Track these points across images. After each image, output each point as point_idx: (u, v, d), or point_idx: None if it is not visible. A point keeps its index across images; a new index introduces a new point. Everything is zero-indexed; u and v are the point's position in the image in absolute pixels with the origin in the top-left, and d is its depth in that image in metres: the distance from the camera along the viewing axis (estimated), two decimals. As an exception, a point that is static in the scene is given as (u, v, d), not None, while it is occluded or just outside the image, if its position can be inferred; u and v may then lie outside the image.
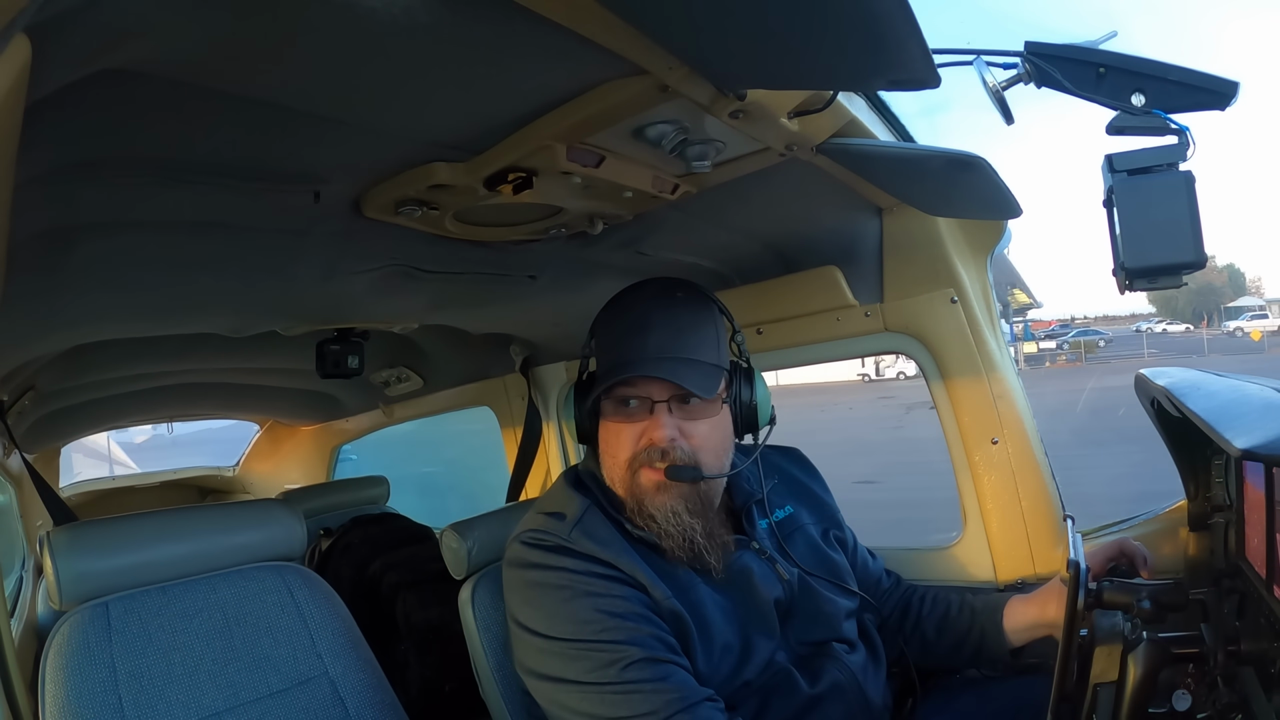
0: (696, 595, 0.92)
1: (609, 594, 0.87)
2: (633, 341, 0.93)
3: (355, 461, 3.33)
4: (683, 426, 0.91)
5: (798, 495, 1.11)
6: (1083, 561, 0.70)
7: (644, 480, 0.92)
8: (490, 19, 0.56)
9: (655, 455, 0.90)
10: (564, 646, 0.85)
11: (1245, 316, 27.38)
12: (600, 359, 0.97)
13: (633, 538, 0.93)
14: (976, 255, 1.23)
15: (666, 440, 0.90)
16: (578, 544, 0.90)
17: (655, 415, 0.91)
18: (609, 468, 0.96)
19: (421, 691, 1.81)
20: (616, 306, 0.99)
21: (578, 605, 0.86)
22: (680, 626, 0.88)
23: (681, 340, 0.93)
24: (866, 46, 0.56)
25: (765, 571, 0.97)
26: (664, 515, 0.90)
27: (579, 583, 0.87)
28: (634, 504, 0.92)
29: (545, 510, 0.97)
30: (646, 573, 0.89)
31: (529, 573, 0.91)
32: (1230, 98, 0.66)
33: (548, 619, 0.87)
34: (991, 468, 1.20)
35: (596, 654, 0.83)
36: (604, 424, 0.96)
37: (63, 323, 1.21)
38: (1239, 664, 0.67)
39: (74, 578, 0.98)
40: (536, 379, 1.99)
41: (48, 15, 0.40)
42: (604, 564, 0.88)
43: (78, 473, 4.43)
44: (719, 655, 0.90)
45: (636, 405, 0.92)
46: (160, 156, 0.71)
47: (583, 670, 0.84)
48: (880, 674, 1.02)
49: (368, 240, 1.05)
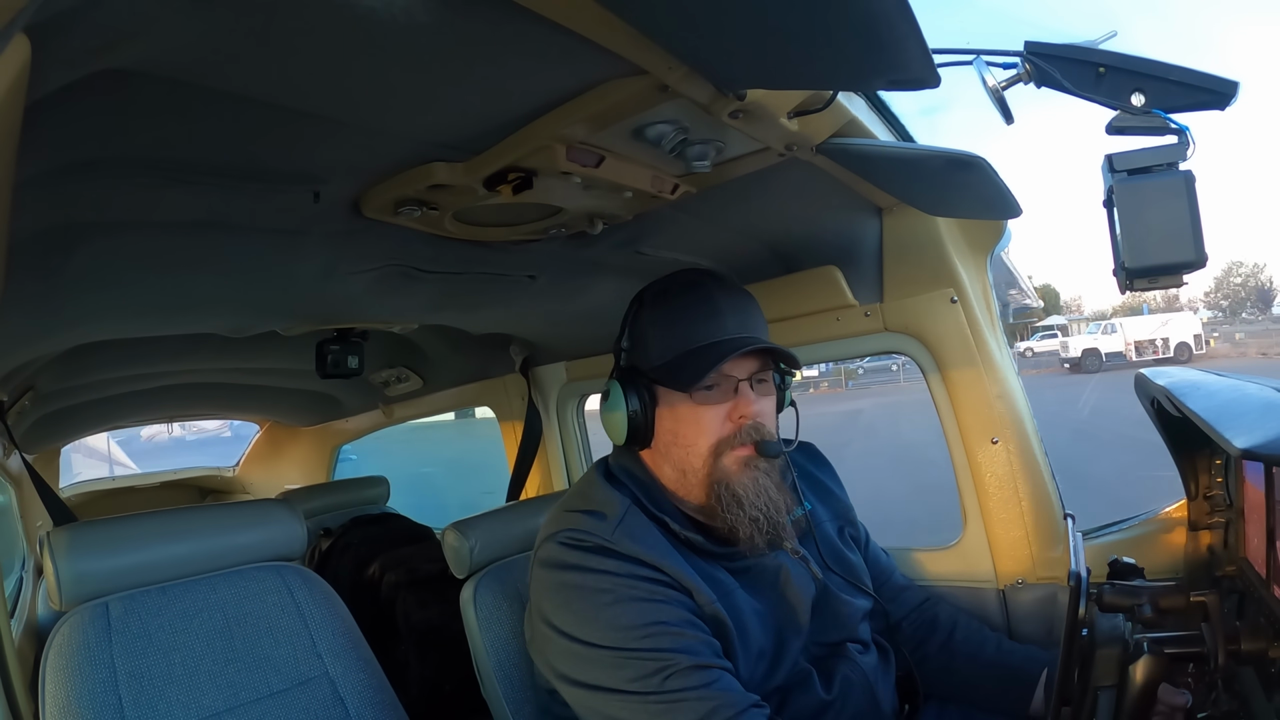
0: (736, 600, 0.90)
1: (653, 599, 0.84)
2: (709, 325, 0.90)
3: (355, 461, 3.33)
4: (760, 405, 0.92)
5: (814, 491, 1.10)
6: (1084, 571, 0.70)
7: (729, 462, 0.89)
8: (490, 18, 0.56)
9: (749, 433, 0.89)
10: (605, 654, 0.82)
11: (1036, 336, 27.57)
12: (660, 348, 0.93)
13: (678, 538, 0.91)
14: (976, 255, 1.23)
15: (756, 414, 0.90)
16: (621, 545, 0.87)
17: (741, 394, 0.90)
18: (681, 459, 0.92)
19: (421, 691, 1.81)
20: (667, 296, 0.95)
21: (621, 610, 0.83)
22: (722, 630, 0.86)
23: (753, 321, 0.94)
24: (866, 46, 0.56)
25: (800, 571, 0.96)
26: (753, 494, 0.88)
27: (622, 586, 0.84)
28: (717, 490, 0.89)
29: (582, 508, 0.93)
30: (690, 575, 0.87)
31: (567, 574, 0.87)
32: (1230, 97, 0.66)
33: (587, 624, 0.84)
34: (991, 467, 1.19)
35: (640, 661, 0.81)
36: (676, 413, 0.92)
37: (63, 323, 1.21)
38: (1239, 664, 0.67)
39: (74, 578, 0.98)
40: (536, 379, 1.99)
41: (48, 15, 0.40)
42: (649, 566, 0.86)
43: (77, 473, 4.43)
44: (755, 660, 0.89)
45: (717, 389, 0.90)
46: (160, 156, 0.71)
47: (626, 679, 0.81)
48: (890, 676, 1.01)
49: (367, 240, 1.05)
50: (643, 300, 0.97)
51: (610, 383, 0.97)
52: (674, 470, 0.93)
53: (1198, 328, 23.71)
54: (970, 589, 1.23)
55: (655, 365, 0.93)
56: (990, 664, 1.05)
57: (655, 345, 0.93)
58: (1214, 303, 42.92)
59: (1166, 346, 22.09)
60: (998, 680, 1.02)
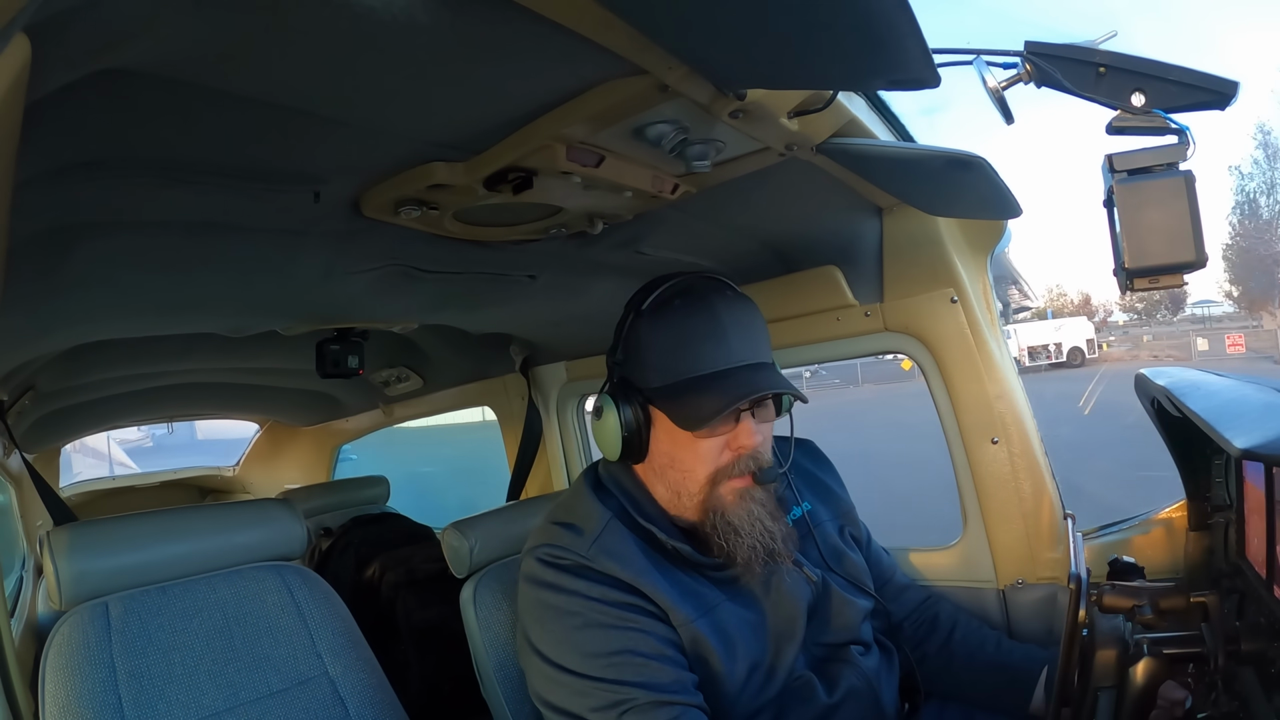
0: (722, 614, 0.89)
1: (623, 626, 0.83)
2: (715, 351, 0.87)
3: (355, 461, 3.33)
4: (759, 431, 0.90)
5: (814, 490, 1.09)
6: (1084, 572, 0.70)
7: (725, 492, 0.88)
8: (490, 19, 0.56)
9: (747, 464, 0.88)
10: (570, 679, 0.82)
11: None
12: (660, 370, 0.89)
13: (664, 549, 0.90)
14: (976, 255, 1.23)
15: (760, 447, 0.89)
16: (596, 562, 0.86)
17: (742, 423, 0.89)
18: (677, 482, 0.91)
19: (421, 691, 1.81)
20: (667, 310, 0.90)
21: (589, 636, 0.83)
22: (701, 650, 0.85)
23: (756, 342, 0.91)
24: (866, 46, 0.56)
25: (794, 576, 0.95)
26: (749, 524, 0.88)
27: (592, 610, 0.84)
28: (712, 518, 0.88)
29: (563, 520, 0.92)
30: (669, 592, 0.86)
31: (543, 593, 0.87)
32: (1230, 97, 0.65)
33: (558, 645, 0.84)
34: (991, 467, 1.19)
35: (601, 692, 0.80)
36: (674, 438, 0.89)
37: (63, 323, 1.21)
38: (1239, 664, 0.67)
39: (74, 578, 0.98)
40: (536, 379, 1.99)
41: (48, 15, 0.40)
42: (624, 586, 0.85)
43: (78, 473, 4.43)
44: (746, 674, 0.87)
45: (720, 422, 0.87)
46: (160, 156, 0.71)
47: (587, 707, 0.81)
48: (894, 676, 1.01)
49: (367, 240, 1.05)
50: (639, 310, 0.91)
51: (603, 397, 0.94)
52: (668, 490, 0.92)
53: (1090, 332, 25.08)
54: (970, 589, 1.23)
55: (654, 387, 0.90)
56: (990, 662, 1.04)
57: (655, 365, 0.89)
58: (1130, 306, 43.54)
59: (1059, 351, 23.16)
60: (998, 679, 1.02)
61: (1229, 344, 21.29)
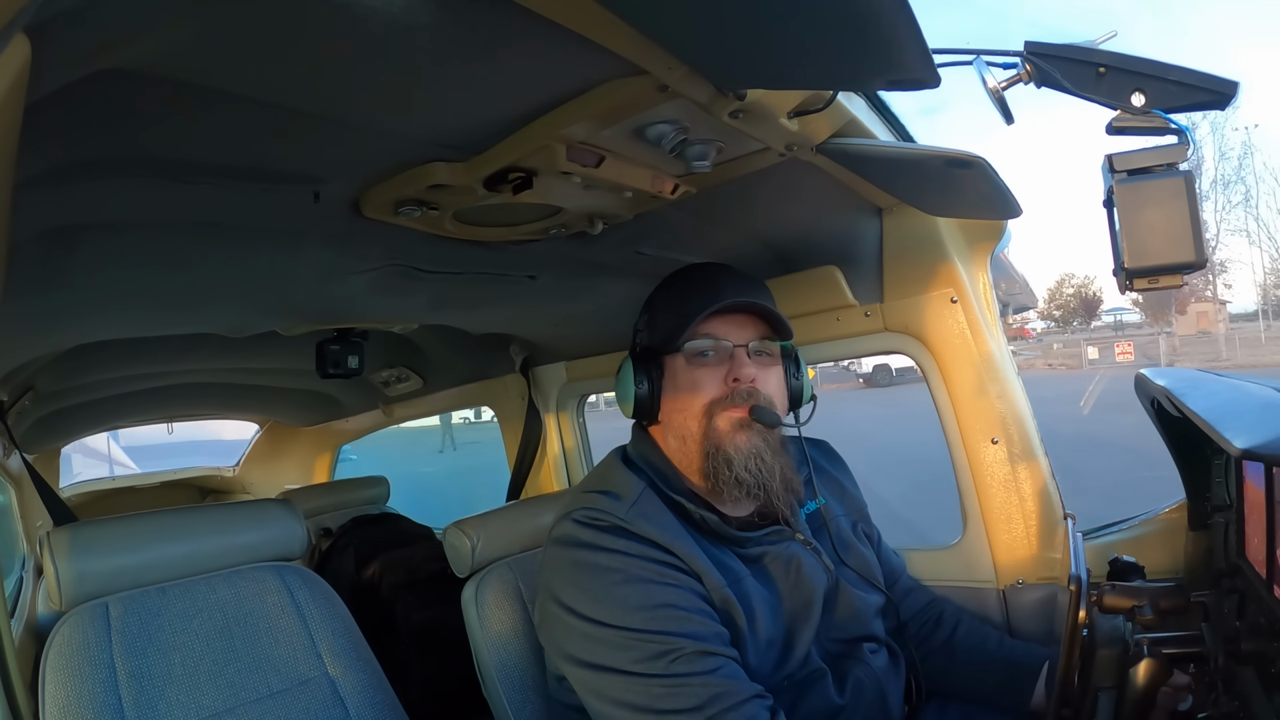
0: (746, 587, 0.90)
1: (663, 581, 0.84)
2: (708, 294, 0.94)
3: (355, 461, 3.33)
4: (758, 374, 0.93)
5: (828, 487, 1.11)
6: (1084, 573, 0.70)
7: (721, 423, 0.91)
8: (490, 19, 0.56)
9: (740, 396, 0.91)
10: (611, 633, 0.82)
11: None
12: (663, 323, 0.97)
13: (692, 520, 0.91)
14: (976, 255, 1.23)
15: (751, 377, 0.91)
16: (635, 525, 0.87)
17: (736, 358, 0.92)
18: (680, 424, 0.94)
19: (421, 692, 1.81)
20: (677, 279, 1.00)
21: (630, 590, 0.83)
22: (731, 617, 0.87)
23: (756, 289, 0.97)
24: (866, 46, 0.56)
25: (812, 561, 0.96)
26: (744, 457, 0.89)
27: (633, 566, 0.84)
28: (709, 451, 0.91)
29: (598, 488, 0.94)
30: (702, 559, 0.87)
31: (580, 552, 0.87)
32: (1230, 97, 0.66)
33: (596, 602, 0.84)
34: (991, 468, 1.19)
35: (645, 643, 0.80)
36: (676, 379, 0.95)
37: (63, 323, 1.21)
38: (1239, 664, 0.67)
39: (74, 578, 0.98)
40: (536, 379, 1.99)
41: (48, 15, 0.40)
42: (661, 548, 0.86)
43: (77, 473, 4.42)
44: (764, 649, 0.89)
45: (714, 354, 0.93)
46: (160, 156, 0.71)
47: (629, 659, 0.80)
48: (900, 676, 1.01)
49: (367, 240, 1.05)
50: (657, 287, 1.03)
51: (624, 361, 1.02)
52: (676, 440, 0.95)
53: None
54: (970, 589, 1.23)
55: (661, 339, 0.97)
56: (991, 659, 1.05)
57: (660, 320, 0.98)
58: (1047, 314, 43.65)
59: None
60: (999, 676, 1.03)
61: (1119, 352, 21.38)
